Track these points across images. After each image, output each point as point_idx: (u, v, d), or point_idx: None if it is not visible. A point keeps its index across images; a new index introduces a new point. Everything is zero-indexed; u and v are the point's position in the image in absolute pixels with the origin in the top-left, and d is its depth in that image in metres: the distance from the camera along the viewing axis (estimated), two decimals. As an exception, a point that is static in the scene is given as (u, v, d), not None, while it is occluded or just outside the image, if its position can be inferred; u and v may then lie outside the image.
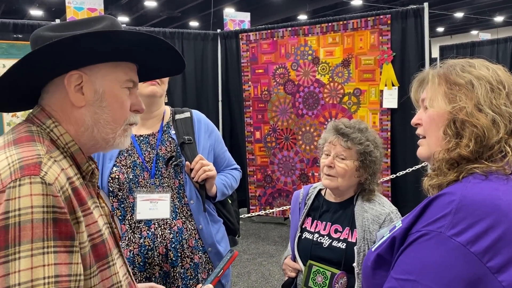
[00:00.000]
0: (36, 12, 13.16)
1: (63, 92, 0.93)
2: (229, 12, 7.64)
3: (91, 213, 0.90)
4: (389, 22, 4.51)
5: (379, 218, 1.60)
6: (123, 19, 14.49)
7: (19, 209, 0.75)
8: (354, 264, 1.55)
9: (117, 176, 1.60)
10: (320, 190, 1.80)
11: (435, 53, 9.75)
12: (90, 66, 0.94)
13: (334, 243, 1.63)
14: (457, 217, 0.86)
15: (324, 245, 1.64)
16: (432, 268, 0.85)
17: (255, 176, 5.35)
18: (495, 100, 0.96)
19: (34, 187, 0.78)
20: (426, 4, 4.39)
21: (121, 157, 1.65)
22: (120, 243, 1.16)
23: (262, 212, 5.18)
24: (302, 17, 14.69)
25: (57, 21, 4.91)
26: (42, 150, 0.86)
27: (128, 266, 1.04)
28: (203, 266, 1.70)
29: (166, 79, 1.73)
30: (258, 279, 4.07)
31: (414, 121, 1.10)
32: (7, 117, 4.31)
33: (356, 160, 1.64)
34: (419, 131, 1.08)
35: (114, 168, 1.62)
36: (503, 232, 0.84)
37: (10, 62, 4.29)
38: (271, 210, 5.17)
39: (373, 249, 1.04)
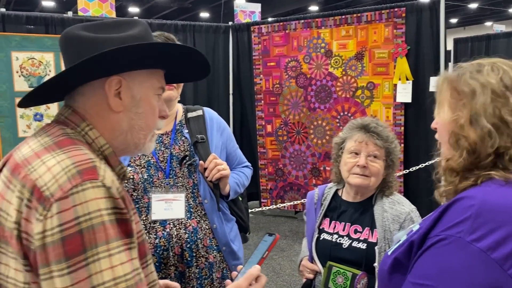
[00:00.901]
0: (47, 3, 13.20)
1: (100, 96, 0.93)
2: (239, 3, 7.59)
3: (135, 213, 0.93)
4: (403, 15, 4.43)
5: (399, 217, 1.58)
6: (133, 10, 14.49)
7: (89, 213, 0.78)
8: (375, 264, 1.53)
9: (131, 177, 1.60)
10: (336, 190, 1.78)
11: (449, 46, 9.60)
12: (129, 72, 0.95)
13: (354, 244, 1.61)
14: (477, 222, 0.84)
15: (344, 246, 1.62)
16: (450, 273, 0.84)
17: (266, 170, 5.34)
18: (497, 110, 0.93)
19: (97, 191, 0.80)
20: (442, -3, 4.31)
21: (135, 157, 1.64)
22: None
23: (274, 206, 5.18)
24: (313, 8, 14.55)
25: (69, 13, 4.92)
26: (91, 154, 0.87)
27: None
28: (218, 266, 1.69)
29: (181, 83, 1.73)
30: (268, 273, 4.07)
31: (432, 125, 1.09)
32: (21, 125, 4.33)
33: (385, 158, 1.63)
34: (436, 135, 1.08)
35: (129, 168, 1.61)
36: None
37: (23, 55, 4.31)
38: (282, 204, 5.16)
39: (389, 253, 1.03)
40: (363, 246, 1.59)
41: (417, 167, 4.39)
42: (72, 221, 0.76)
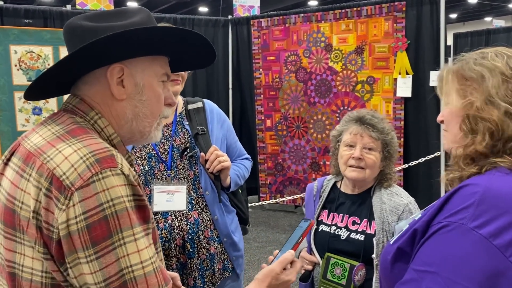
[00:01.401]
0: (45, -3, 13.13)
1: (103, 84, 0.93)
2: (239, -3, 7.55)
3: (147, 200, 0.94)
4: (404, 9, 4.42)
5: (397, 209, 1.58)
6: (132, 4, 14.43)
7: (112, 200, 0.79)
8: (373, 256, 1.53)
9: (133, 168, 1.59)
10: (335, 182, 1.78)
11: (449, 41, 9.59)
12: (131, 60, 0.94)
13: (352, 235, 1.61)
14: (480, 209, 0.84)
15: (342, 237, 1.63)
16: (452, 260, 0.84)
17: (265, 164, 5.34)
18: (510, 91, 0.93)
19: (117, 178, 0.81)
20: (442, -9, 4.30)
21: (136, 149, 1.64)
22: None
23: (273, 200, 5.18)
24: (313, 2, 14.51)
25: (68, 6, 4.89)
26: (105, 143, 0.88)
27: None
28: (219, 257, 1.70)
29: (185, 76, 1.73)
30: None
31: (438, 118, 1.09)
32: (20, 119, 4.31)
33: (381, 150, 1.63)
34: (442, 126, 1.08)
35: (132, 160, 1.61)
36: None
37: (21, 48, 4.29)
38: (281, 199, 5.17)
39: (391, 242, 1.02)
40: (361, 237, 1.59)
41: (417, 162, 4.39)
42: (96, 208, 0.78)
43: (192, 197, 1.66)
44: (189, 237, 1.62)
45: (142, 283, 0.80)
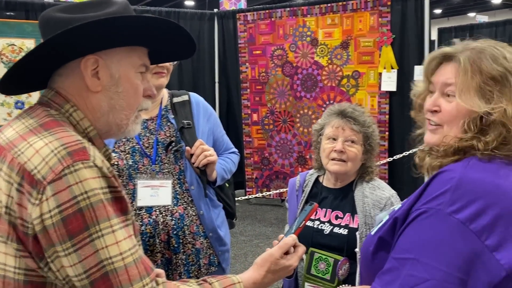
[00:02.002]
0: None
1: (78, 76, 0.92)
2: (225, -9, 7.50)
3: (124, 193, 0.93)
4: (389, 3, 4.44)
5: (379, 202, 1.60)
6: (116, -3, 14.21)
7: (86, 192, 0.78)
8: (357, 250, 1.54)
9: (116, 163, 1.58)
10: (318, 176, 1.78)
11: (433, 36, 9.69)
12: (106, 51, 0.92)
13: (336, 230, 1.62)
14: (456, 194, 0.86)
15: (325, 232, 1.63)
16: (431, 245, 0.85)
17: (252, 159, 5.33)
18: None
19: (89, 171, 0.80)
20: (427, -14, 4.33)
21: (119, 143, 1.61)
22: None
23: (259, 195, 5.19)
24: (299, -4, 14.48)
25: (50, -1, 4.80)
26: (78, 135, 0.86)
27: None
28: (205, 252, 1.69)
29: (171, 68, 1.70)
30: (254, 260, 4.09)
31: (431, 107, 1.01)
32: (2, 113, 4.23)
33: (363, 143, 1.64)
34: (434, 118, 1.00)
35: (113, 154, 1.58)
36: (501, 211, 0.84)
37: (2, 41, 4.21)
38: (268, 193, 5.18)
39: (372, 233, 1.03)
40: (344, 232, 1.60)
41: (402, 155, 4.43)
42: (70, 201, 0.77)
43: (177, 192, 1.64)
44: (174, 232, 1.60)
45: (123, 275, 0.80)
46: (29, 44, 4.28)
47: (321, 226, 1.65)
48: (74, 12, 0.91)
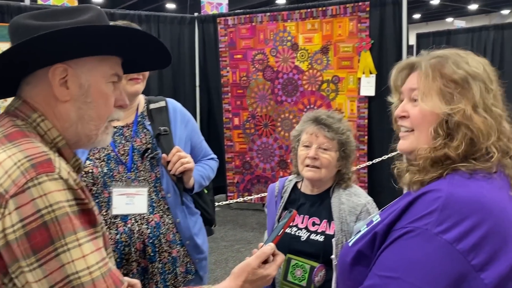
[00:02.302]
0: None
1: (46, 85, 0.90)
2: (206, -6, 7.48)
3: (94, 204, 0.90)
4: (367, 9, 4.49)
5: (355, 209, 1.61)
6: (97, 0, 14.06)
7: (51, 205, 0.76)
8: (333, 256, 1.55)
9: (90, 170, 1.55)
10: (296, 183, 1.79)
11: (412, 41, 9.85)
12: (76, 60, 0.90)
13: (312, 236, 1.62)
14: (444, 214, 0.86)
15: (302, 238, 1.64)
16: (417, 265, 0.85)
17: (233, 163, 5.32)
18: (487, 101, 0.94)
19: (54, 183, 0.78)
20: (404, -8, 4.40)
21: (94, 150, 1.59)
22: None
23: (241, 199, 5.18)
24: (281, 1, 14.56)
25: (27, 1, 4.72)
26: (44, 147, 0.84)
27: None
28: (181, 260, 1.67)
29: (146, 75, 1.68)
30: (235, 265, 4.07)
31: (399, 113, 1.04)
32: None
33: (337, 150, 1.64)
34: (404, 123, 1.02)
35: (88, 162, 1.56)
36: (487, 230, 0.85)
37: (-24, 45, 4.10)
38: (249, 197, 5.17)
39: (350, 244, 1.02)
40: (320, 238, 1.61)
41: (381, 158, 4.48)
42: (34, 215, 0.75)
43: (153, 199, 1.62)
44: (150, 241, 1.58)
45: None
46: (4, 47, 4.19)
47: (298, 233, 1.65)
48: (45, 19, 0.89)
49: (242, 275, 1.04)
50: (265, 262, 1.08)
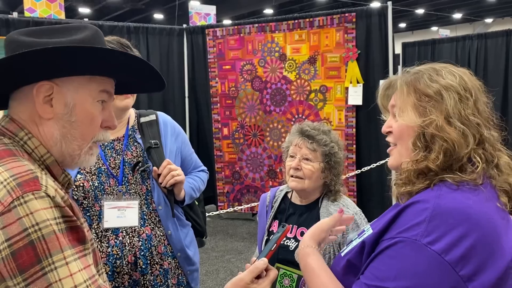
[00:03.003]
0: (-10, 2, 12.54)
1: (31, 102, 0.89)
2: (194, 5, 7.53)
3: (85, 221, 0.90)
4: (354, 20, 4.57)
5: None
6: (84, 10, 14.04)
7: (37, 224, 0.76)
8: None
9: (81, 184, 1.56)
10: (286, 193, 1.82)
11: (398, 50, 10.00)
12: (63, 78, 0.90)
13: None
14: (431, 225, 0.87)
15: (291, 248, 1.65)
16: (406, 275, 0.86)
17: (223, 173, 5.33)
18: (463, 111, 0.96)
19: (41, 201, 0.78)
20: (389, 3, 4.49)
21: None
22: None
23: (231, 209, 5.18)
24: (268, 11, 14.70)
25: (15, 14, 4.71)
26: (30, 165, 0.84)
27: None
28: (173, 272, 1.68)
29: None
30: (226, 276, 4.07)
31: (384, 129, 1.08)
32: None
33: (321, 161, 1.67)
34: (389, 139, 1.07)
35: (78, 176, 1.57)
36: (475, 241, 0.86)
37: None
38: (239, 207, 5.18)
39: (342, 254, 1.04)
40: None
41: (369, 167, 4.53)
42: (20, 234, 0.75)
43: (144, 212, 1.63)
44: (141, 253, 1.59)
45: None
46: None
47: (287, 242, 1.67)
48: (39, 37, 0.90)
49: None
50: (258, 277, 1.08)
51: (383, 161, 4.48)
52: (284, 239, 1.68)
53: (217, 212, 5.09)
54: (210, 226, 5.38)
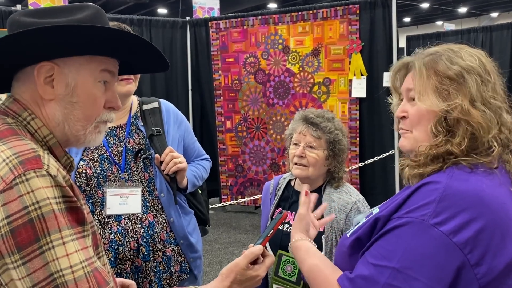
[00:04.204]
0: (-5, -4, 12.56)
1: (33, 83, 0.89)
2: (198, -1, 7.50)
3: (85, 203, 0.90)
4: (357, 12, 4.54)
5: (345, 207, 1.63)
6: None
7: (37, 202, 0.76)
8: (322, 253, 1.57)
9: (84, 171, 1.56)
10: (290, 180, 1.82)
11: (402, 43, 9.95)
12: (64, 58, 0.89)
13: None
14: (441, 206, 0.86)
15: None
16: (413, 256, 0.85)
17: (226, 166, 5.34)
18: (485, 94, 0.93)
19: (42, 180, 0.78)
20: (393, -6, 4.46)
21: (87, 151, 1.60)
22: None
23: (234, 202, 5.19)
24: (272, 5, 14.64)
25: (18, 6, 4.71)
26: (33, 144, 0.84)
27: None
28: (176, 259, 1.69)
29: (138, 75, 1.69)
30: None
31: (399, 114, 1.04)
32: None
33: (326, 149, 1.66)
34: (404, 125, 1.03)
35: (81, 163, 1.57)
36: (484, 225, 0.85)
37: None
38: (242, 200, 5.19)
39: (348, 235, 1.02)
40: None
41: (372, 160, 4.52)
42: (20, 211, 0.75)
43: (147, 199, 1.64)
44: (144, 240, 1.60)
45: None
46: None
47: (290, 230, 1.67)
48: (41, 17, 0.89)
49: (230, 275, 1.03)
50: (255, 263, 1.07)
51: (386, 154, 4.46)
52: (287, 226, 1.68)
53: (220, 205, 5.10)
54: (214, 219, 5.40)
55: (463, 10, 17.37)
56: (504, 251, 0.86)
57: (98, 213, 1.57)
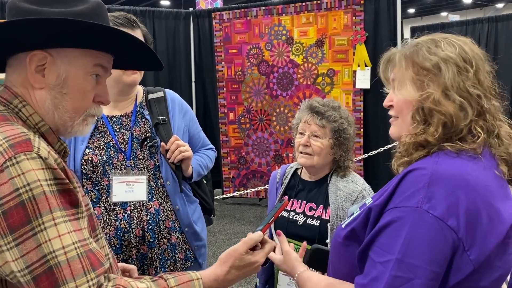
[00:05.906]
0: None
1: (25, 70, 0.90)
2: (201, -10, 7.47)
3: (79, 186, 0.90)
4: (362, 2, 4.52)
5: (351, 195, 1.63)
6: (90, -3, 14.00)
7: (28, 184, 0.77)
8: (328, 241, 1.58)
9: (90, 158, 1.57)
10: (296, 169, 1.82)
11: (407, 34, 9.91)
12: (58, 49, 0.90)
13: (309, 221, 1.66)
14: (431, 191, 0.88)
15: (299, 222, 1.67)
16: (412, 244, 0.87)
17: (229, 158, 5.34)
18: (462, 83, 0.95)
19: (32, 162, 0.79)
20: (398, -15, 4.43)
21: (93, 139, 1.61)
22: None
23: (237, 194, 5.20)
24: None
25: None
26: (24, 129, 0.85)
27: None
28: (180, 247, 1.70)
29: None
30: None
31: (386, 103, 1.08)
32: None
33: (330, 138, 1.66)
34: (391, 112, 1.07)
35: (87, 150, 1.58)
36: (473, 207, 0.87)
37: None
38: (245, 191, 5.20)
39: (343, 226, 1.04)
40: (316, 223, 1.64)
41: (377, 151, 4.52)
42: (11, 194, 0.76)
43: (152, 187, 1.64)
44: (149, 227, 1.61)
45: (66, 269, 0.77)
46: None
47: (296, 217, 1.69)
48: (41, 5, 0.89)
49: (229, 260, 1.03)
50: (254, 249, 1.07)
51: (391, 145, 4.46)
52: (293, 214, 1.69)
53: (224, 196, 5.11)
54: (217, 210, 5.41)
55: (468, 0, 17.23)
56: (494, 231, 0.88)
57: (104, 200, 1.58)
